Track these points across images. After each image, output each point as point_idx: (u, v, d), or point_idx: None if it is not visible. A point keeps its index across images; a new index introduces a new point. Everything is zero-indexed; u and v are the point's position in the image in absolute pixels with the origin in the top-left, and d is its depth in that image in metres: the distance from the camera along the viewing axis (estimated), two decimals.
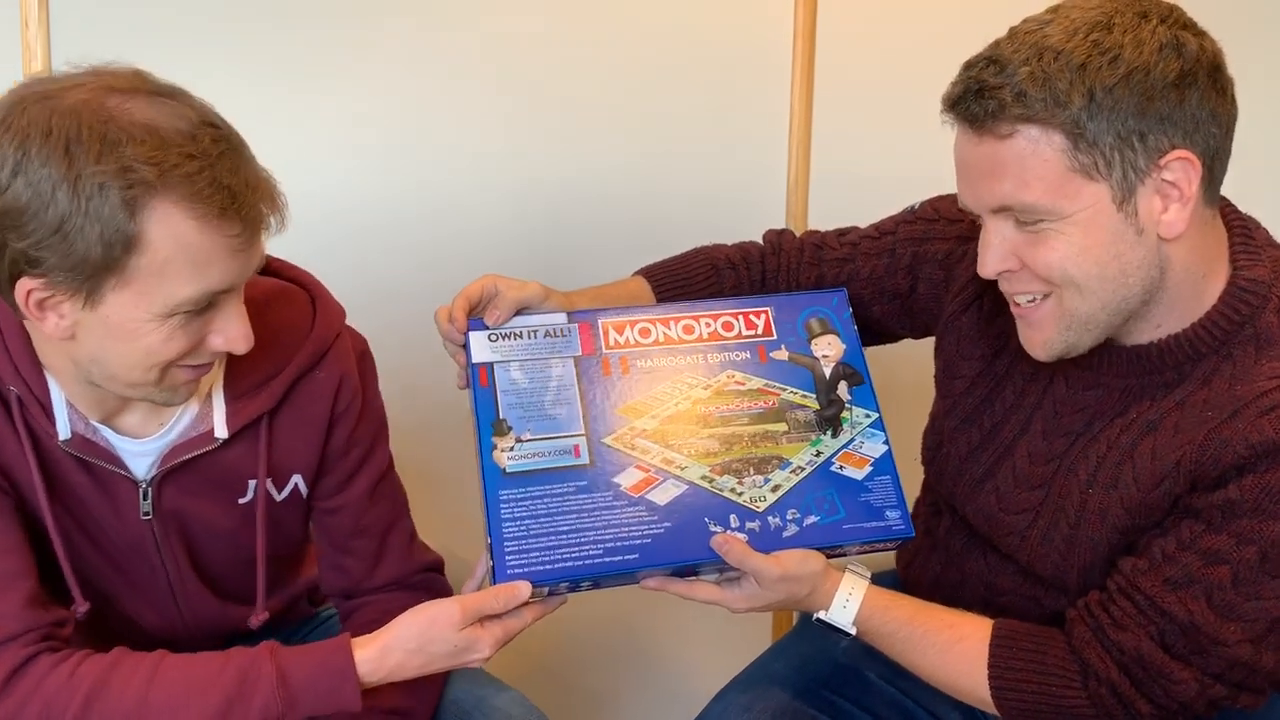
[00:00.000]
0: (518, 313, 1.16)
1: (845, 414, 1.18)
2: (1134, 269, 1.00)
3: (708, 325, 1.20)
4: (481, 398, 1.12)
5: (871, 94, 1.82)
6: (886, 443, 1.17)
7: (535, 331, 1.16)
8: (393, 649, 1.04)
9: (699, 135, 1.80)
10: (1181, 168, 0.97)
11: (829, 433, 1.17)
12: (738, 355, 1.19)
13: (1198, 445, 1.00)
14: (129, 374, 0.97)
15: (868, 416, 1.18)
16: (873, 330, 1.32)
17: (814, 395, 1.18)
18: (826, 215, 1.51)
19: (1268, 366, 1.00)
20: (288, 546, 1.21)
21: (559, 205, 1.75)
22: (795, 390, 1.18)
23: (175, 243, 0.91)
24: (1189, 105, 0.96)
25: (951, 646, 1.10)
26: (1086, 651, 1.05)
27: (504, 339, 1.15)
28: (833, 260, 1.31)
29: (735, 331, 1.20)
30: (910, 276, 1.27)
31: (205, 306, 0.96)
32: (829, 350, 1.21)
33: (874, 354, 1.37)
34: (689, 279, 1.30)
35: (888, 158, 1.79)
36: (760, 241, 1.36)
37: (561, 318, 1.18)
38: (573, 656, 1.93)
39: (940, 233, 1.25)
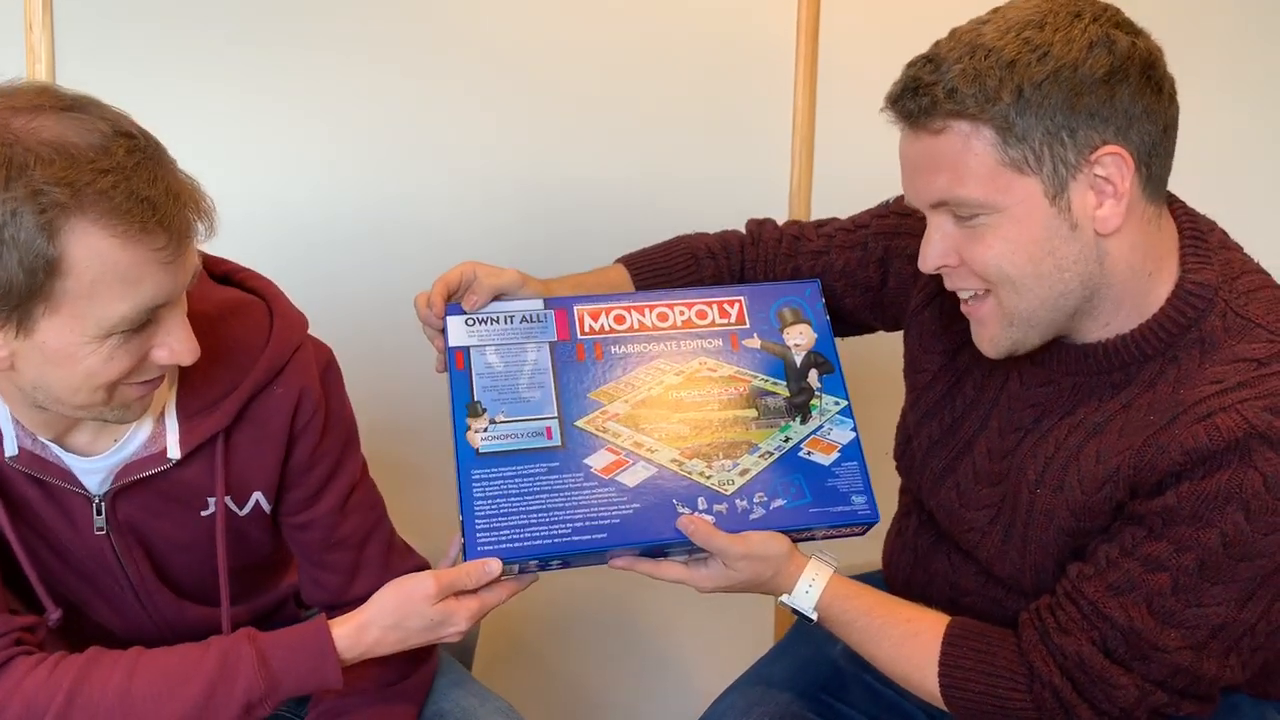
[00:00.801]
0: (495, 299, 1.19)
1: (815, 401, 1.20)
2: (1070, 264, 1.01)
3: (682, 313, 1.22)
4: (457, 380, 1.15)
5: (875, 95, 1.80)
6: (854, 430, 1.19)
7: (512, 317, 1.19)
8: (370, 625, 1.05)
9: (701, 137, 1.82)
10: (1114, 163, 0.98)
11: (798, 419, 1.19)
12: (711, 343, 1.21)
13: (1137, 451, 1.00)
14: (74, 397, 0.95)
15: (837, 404, 1.21)
16: (847, 322, 1.34)
17: (785, 383, 1.20)
18: (829, 211, 1.52)
19: (1211, 371, 1.00)
20: (259, 557, 1.19)
21: (559, 206, 1.76)
22: (766, 378, 1.20)
23: (100, 262, 0.88)
24: (1120, 101, 0.97)
25: (907, 640, 1.11)
26: (1033, 654, 1.06)
27: (481, 324, 1.18)
28: (808, 253, 1.33)
29: (709, 320, 1.23)
30: (881, 270, 1.29)
31: (145, 322, 0.93)
32: (801, 339, 1.23)
33: (853, 349, 1.38)
34: (669, 268, 1.32)
35: (891, 159, 1.77)
36: (742, 230, 1.38)
37: (538, 304, 1.20)
38: (573, 659, 1.93)
39: (911, 228, 1.26)
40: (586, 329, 1.20)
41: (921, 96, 0.99)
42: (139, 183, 0.88)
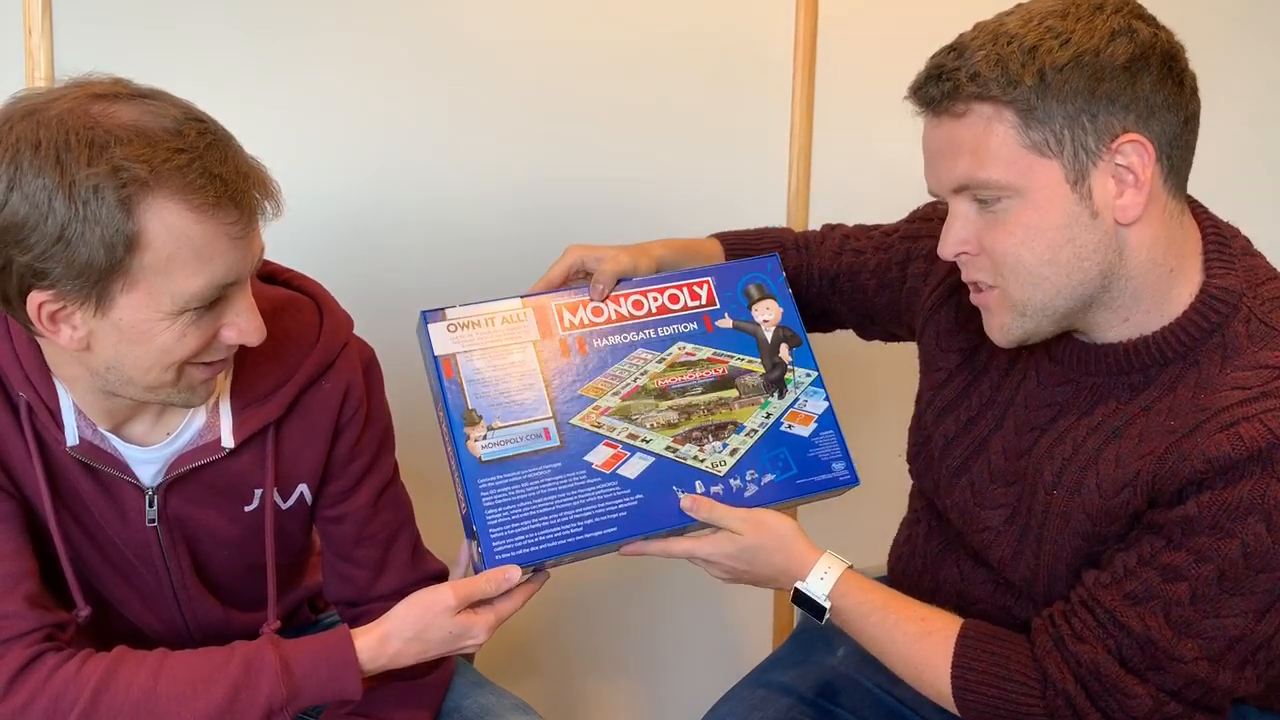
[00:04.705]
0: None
1: (789, 375, 1.26)
2: (1089, 253, 1.01)
3: (655, 299, 1.25)
4: (449, 390, 1.15)
5: (873, 100, 1.82)
6: (827, 399, 1.25)
7: (493, 319, 1.19)
8: (391, 637, 1.08)
9: (700, 142, 1.83)
10: (1135, 150, 0.98)
11: (776, 394, 1.24)
12: (686, 326, 1.25)
13: (1158, 458, 1.00)
14: (145, 376, 0.98)
15: (808, 375, 1.26)
16: (879, 323, 1.39)
17: (759, 360, 1.25)
18: (827, 214, 1.55)
19: (1232, 377, 1.00)
20: (291, 554, 1.23)
21: (562, 209, 1.76)
22: (742, 356, 1.25)
23: (175, 237, 0.92)
24: (1141, 89, 0.98)
25: (920, 639, 1.11)
26: (1046, 661, 1.05)
27: (463, 329, 1.18)
28: (852, 250, 1.38)
29: (681, 304, 1.26)
30: (901, 271, 1.32)
31: (214, 301, 0.97)
32: (768, 315, 1.28)
33: (864, 355, 1.42)
34: (759, 249, 1.36)
35: (888, 160, 1.80)
36: (818, 229, 1.46)
37: (516, 303, 1.21)
38: (573, 664, 1.96)
39: (930, 231, 1.29)
40: (566, 324, 1.21)
41: (944, 82, 1.00)
42: (211, 161, 0.93)
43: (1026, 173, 1.00)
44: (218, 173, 0.93)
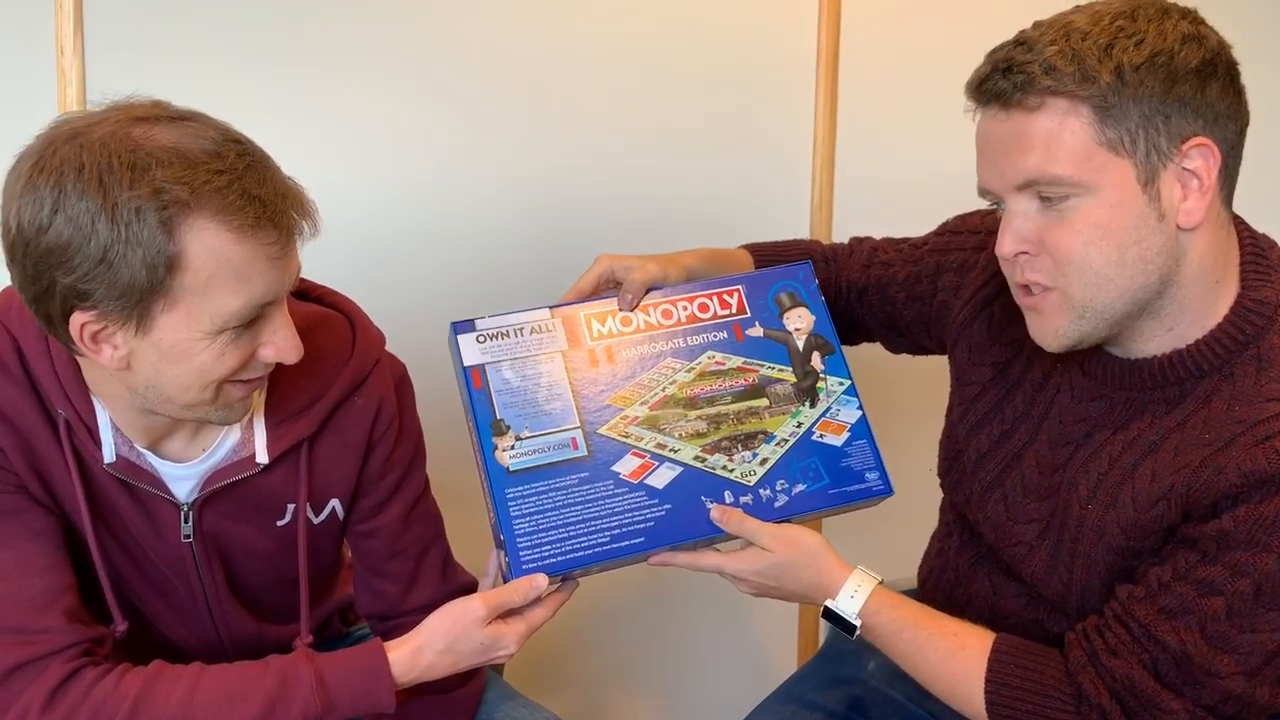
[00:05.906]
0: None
1: (821, 384, 1.24)
2: (1153, 255, 0.99)
3: (685, 308, 1.25)
4: (478, 400, 1.16)
5: (896, 109, 1.84)
6: (860, 408, 1.24)
7: (521, 329, 1.19)
8: (423, 650, 1.08)
9: (723, 148, 1.83)
10: (1201, 155, 0.98)
11: (807, 403, 1.23)
12: (716, 335, 1.24)
13: (1193, 470, 0.99)
14: (184, 395, 1.00)
15: (841, 384, 1.25)
16: (907, 336, 1.37)
17: (790, 368, 1.24)
18: (850, 223, 1.55)
19: (1268, 389, 0.99)
20: (323, 568, 1.24)
21: (589, 220, 1.77)
22: (773, 365, 1.24)
23: (215, 257, 0.93)
24: (1210, 95, 0.97)
25: (953, 654, 1.10)
26: (1081, 676, 1.05)
27: (492, 339, 1.18)
28: (880, 263, 1.37)
29: (711, 312, 1.25)
30: (931, 284, 1.31)
31: (253, 320, 0.98)
32: (800, 323, 1.26)
33: (889, 370, 1.40)
34: (787, 261, 1.36)
35: (911, 165, 1.82)
36: (845, 243, 1.44)
37: (544, 313, 1.21)
38: (601, 676, 1.96)
39: (960, 244, 1.29)
40: (595, 334, 1.21)
41: (1016, 74, 0.98)
42: (250, 183, 0.94)
43: (1099, 170, 0.98)
44: (256, 194, 0.94)
